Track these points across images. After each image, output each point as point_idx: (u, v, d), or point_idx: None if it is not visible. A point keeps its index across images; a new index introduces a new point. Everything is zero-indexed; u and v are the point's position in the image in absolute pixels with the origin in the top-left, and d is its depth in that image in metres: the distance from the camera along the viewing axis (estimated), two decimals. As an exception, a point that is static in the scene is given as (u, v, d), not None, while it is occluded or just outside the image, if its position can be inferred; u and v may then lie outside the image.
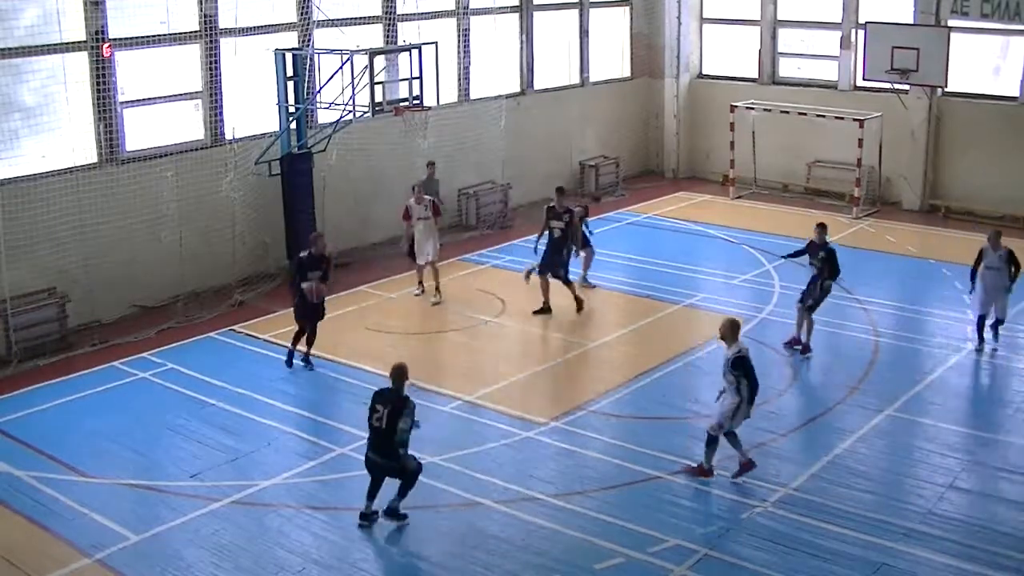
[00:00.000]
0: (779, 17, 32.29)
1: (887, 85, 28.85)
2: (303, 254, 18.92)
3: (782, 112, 30.51)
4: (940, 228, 27.89)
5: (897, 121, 29.28)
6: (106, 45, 20.89)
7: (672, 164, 34.00)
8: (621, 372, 19.02)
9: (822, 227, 19.73)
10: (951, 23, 28.03)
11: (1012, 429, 17.02)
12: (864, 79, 29.49)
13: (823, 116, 29.72)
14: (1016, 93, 28.52)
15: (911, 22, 28.80)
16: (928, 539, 13.69)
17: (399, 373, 13.79)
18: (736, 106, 31.00)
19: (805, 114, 30.14)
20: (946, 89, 28.63)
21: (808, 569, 13.09)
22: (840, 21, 30.84)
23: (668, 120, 33.86)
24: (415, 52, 22.82)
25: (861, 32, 29.52)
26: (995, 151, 28.47)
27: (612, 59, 33.33)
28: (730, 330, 14.80)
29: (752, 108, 31.05)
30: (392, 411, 13.52)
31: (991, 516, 14.40)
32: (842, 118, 29.24)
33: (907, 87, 28.87)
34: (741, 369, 14.56)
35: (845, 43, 30.79)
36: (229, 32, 22.96)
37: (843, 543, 13.56)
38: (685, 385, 18.70)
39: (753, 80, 32.70)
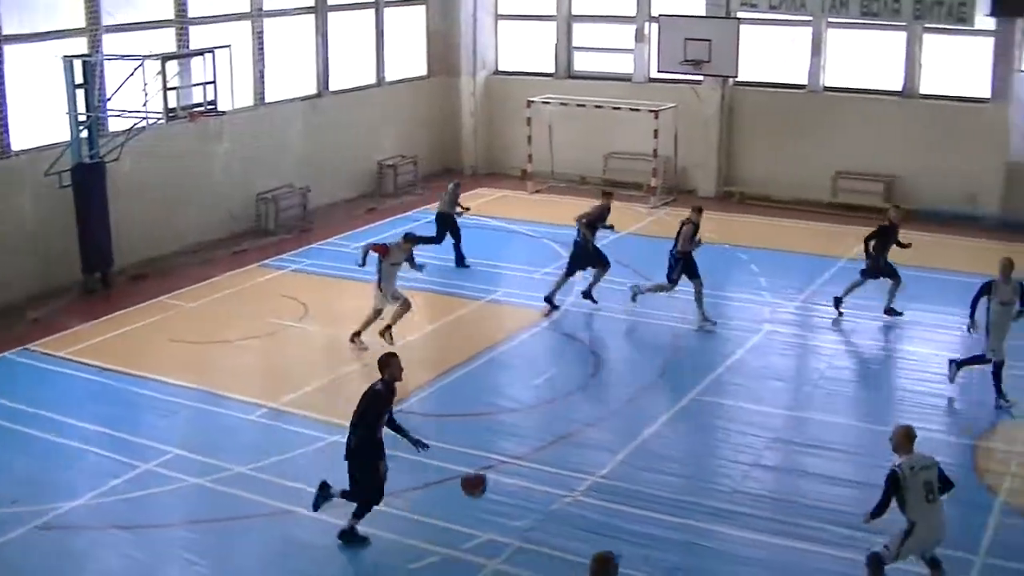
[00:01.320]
0: (574, 12, 32.69)
1: (683, 76, 29.47)
2: (378, 386, 13.29)
3: (578, 106, 30.85)
4: (736, 214, 28.59)
5: (691, 111, 29.96)
6: None
7: (471, 161, 34.01)
8: (425, 371, 18.87)
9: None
10: (740, 15, 28.75)
11: (810, 405, 17.66)
12: (659, 71, 30.05)
13: (619, 108, 30.10)
14: (804, 81, 29.46)
15: (703, 14, 29.47)
16: (736, 516, 14.05)
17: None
18: (532, 101, 31.24)
19: (601, 107, 30.52)
20: (737, 79, 29.43)
21: (620, 554, 13.25)
22: (634, 15, 31.38)
23: (466, 117, 33.89)
24: (208, 56, 22.39)
25: (655, 25, 30.06)
26: (784, 137, 29.42)
27: (409, 58, 33.19)
28: (901, 440, 11.77)
29: (548, 103, 31.34)
30: None
31: (795, 490, 14.89)
32: (637, 110, 29.71)
33: (701, 78, 29.54)
34: (886, 485, 11.60)
35: (639, 36, 31.33)
36: (14, 39, 22.16)
37: (653, 527, 13.80)
38: (489, 381, 18.83)
39: (550, 75, 33.04)
